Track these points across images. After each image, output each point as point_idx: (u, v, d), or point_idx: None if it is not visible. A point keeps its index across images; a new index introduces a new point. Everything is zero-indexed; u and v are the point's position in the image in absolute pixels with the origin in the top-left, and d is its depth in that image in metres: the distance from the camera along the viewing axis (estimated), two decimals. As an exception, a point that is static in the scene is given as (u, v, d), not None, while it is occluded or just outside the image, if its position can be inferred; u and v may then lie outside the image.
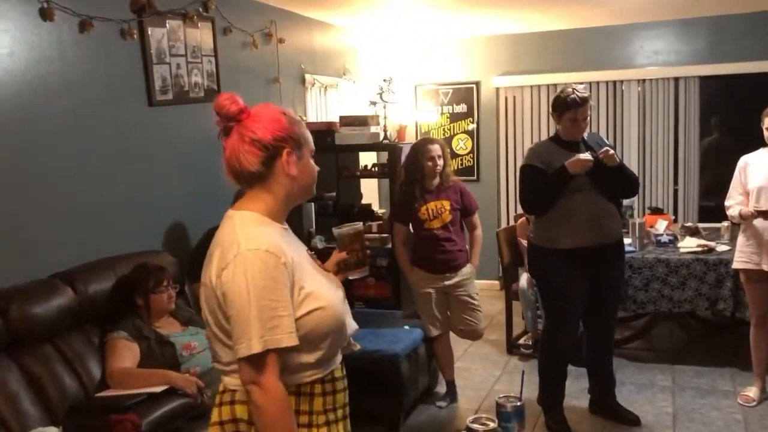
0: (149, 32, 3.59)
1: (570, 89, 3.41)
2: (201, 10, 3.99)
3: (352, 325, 1.78)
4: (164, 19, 3.69)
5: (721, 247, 4.50)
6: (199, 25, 3.95)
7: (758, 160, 3.72)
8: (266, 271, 1.52)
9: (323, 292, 1.66)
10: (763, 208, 3.56)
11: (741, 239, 3.79)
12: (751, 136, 3.83)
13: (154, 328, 3.05)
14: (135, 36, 3.50)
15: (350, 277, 1.88)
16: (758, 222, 3.64)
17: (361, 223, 2.15)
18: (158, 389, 2.73)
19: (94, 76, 3.32)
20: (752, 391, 3.90)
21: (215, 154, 1.84)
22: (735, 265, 3.85)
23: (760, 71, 5.73)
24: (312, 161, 1.73)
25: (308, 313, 1.59)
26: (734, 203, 3.76)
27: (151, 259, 3.28)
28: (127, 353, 2.89)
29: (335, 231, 2.06)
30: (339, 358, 1.76)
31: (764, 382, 3.92)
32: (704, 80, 5.99)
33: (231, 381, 1.64)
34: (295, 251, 1.65)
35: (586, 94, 3.40)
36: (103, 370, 2.88)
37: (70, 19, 3.15)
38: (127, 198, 3.54)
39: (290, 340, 1.53)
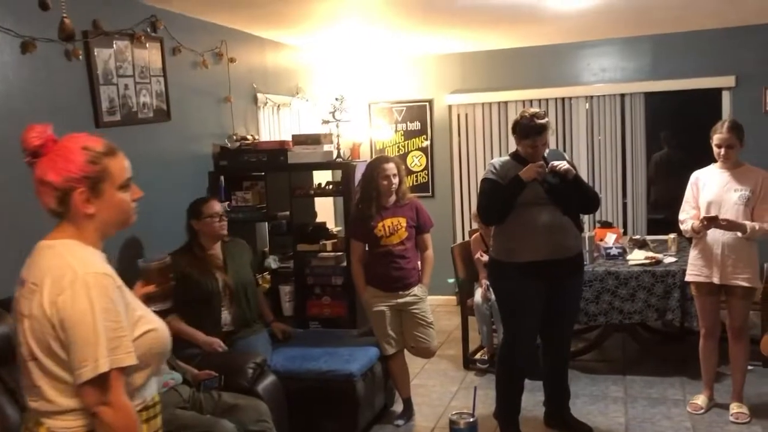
0: (95, 53, 3.53)
1: (528, 115, 3.47)
2: (149, 30, 3.94)
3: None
4: (111, 39, 3.64)
5: (669, 259, 4.62)
6: (147, 45, 3.91)
7: (709, 176, 3.84)
8: (106, 294, 1.58)
9: (151, 316, 1.74)
10: (711, 215, 3.66)
11: (693, 253, 3.88)
12: (700, 151, 3.95)
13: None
14: (80, 57, 3.43)
15: (153, 309, 1.91)
16: (710, 236, 3.74)
17: (169, 257, 2.20)
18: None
19: (38, 97, 3.24)
20: (701, 399, 4.00)
21: (166, 174, 1.84)
22: (687, 278, 3.94)
23: (701, 87, 5.94)
24: (122, 194, 1.72)
25: (142, 334, 1.66)
26: (687, 217, 3.85)
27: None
28: None
29: (141, 264, 2.12)
30: (157, 383, 1.83)
31: (712, 390, 4.02)
32: (649, 96, 6.17)
33: (57, 424, 1.62)
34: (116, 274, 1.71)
35: (545, 121, 3.47)
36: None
37: (12, 41, 3.08)
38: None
39: (131, 359, 1.59)
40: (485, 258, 4.48)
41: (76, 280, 1.56)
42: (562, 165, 3.44)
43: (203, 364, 3.28)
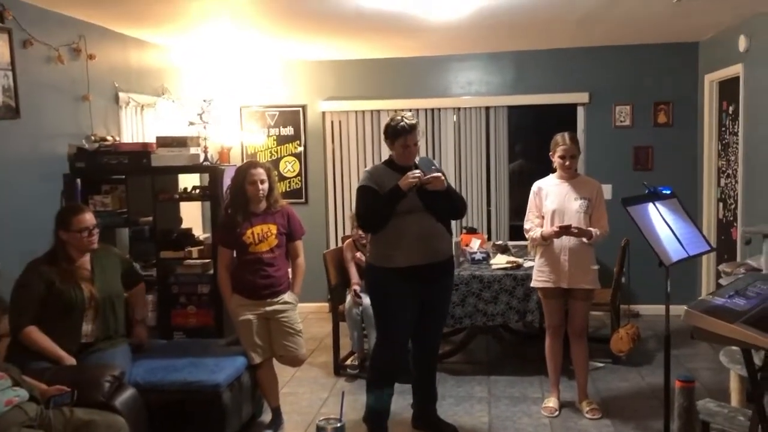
0: (-70, 41, 3.22)
1: (399, 117, 3.60)
2: (-5, 19, 3.65)
3: None
4: (-51, 27, 3.34)
5: (528, 263, 4.86)
6: (-7, 35, 3.62)
7: (550, 186, 4.07)
8: None
9: None
10: (564, 224, 3.89)
11: (538, 260, 4.10)
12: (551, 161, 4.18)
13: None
14: None
15: None
16: (556, 243, 3.97)
17: None
18: None
19: None
20: (552, 401, 4.20)
21: (14, 176, 1.69)
22: (534, 284, 4.15)
23: (559, 102, 6.33)
24: None
25: None
26: (533, 225, 4.07)
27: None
28: None
29: None
30: None
31: (559, 390, 4.25)
32: (512, 109, 6.50)
33: None
34: None
35: (414, 122, 3.61)
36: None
37: None
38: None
39: None
40: (362, 259, 4.51)
41: None
42: (437, 178, 3.54)
43: (54, 378, 3.06)
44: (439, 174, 3.59)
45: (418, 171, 3.53)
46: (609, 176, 5.91)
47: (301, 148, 6.66)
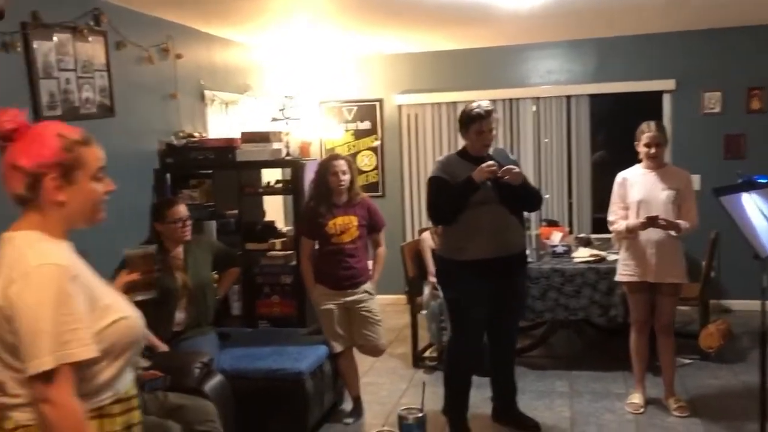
0: (35, 45, 3.43)
1: (475, 104, 3.55)
2: (92, 23, 3.85)
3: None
4: (51, 32, 3.54)
5: (612, 257, 4.72)
6: (90, 38, 3.81)
7: (635, 176, 3.93)
8: (57, 285, 1.52)
9: (122, 305, 1.70)
10: (651, 215, 3.74)
11: (623, 254, 3.97)
12: (636, 152, 4.05)
13: None
14: (19, 49, 3.33)
15: (136, 299, 1.89)
16: (642, 236, 3.83)
17: (155, 246, 2.20)
18: None
19: (-27, 90, 3.14)
20: (637, 398, 4.08)
21: (111, 171, 1.80)
22: (619, 278, 4.02)
23: (643, 90, 6.12)
24: (94, 184, 1.70)
25: (111, 324, 1.62)
26: (618, 218, 3.93)
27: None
28: None
29: (126, 252, 2.11)
30: (132, 374, 1.78)
31: (644, 386, 4.12)
32: (593, 98, 6.32)
33: (23, 416, 1.59)
34: (84, 266, 1.67)
35: (490, 108, 3.55)
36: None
37: (-55, 31, 2.97)
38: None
39: (87, 353, 1.53)
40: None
41: (26, 273, 1.51)
42: (512, 171, 3.45)
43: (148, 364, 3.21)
44: (517, 168, 3.51)
45: (493, 162, 3.48)
46: (697, 166, 5.66)
47: (378, 142, 6.71)
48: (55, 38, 3.57)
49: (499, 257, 3.53)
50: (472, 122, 3.52)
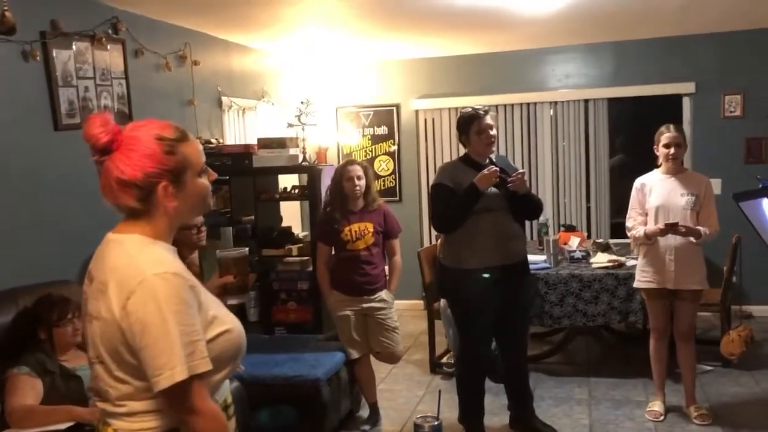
0: (54, 54, 3.46)
1: (469, 108, 3.55)
2: (110, 31, 3.88)
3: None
4: (70, 40, 3.58)
5: (631, 262, 4.67)
6: (108, 47, 3.85)
7: (654, 181, 3.88)
8: (178, 295, 1.46)
9: (226, 315, 1.63)
10: (670, 221, 3.70)
11: (641, 260, 3.92)
12: (654, 156, 4.01)
13: (59, 362, 2.91)
14: (38, 58, 3.37)
15: (229, 302, 1.87)
16: (661, 242, 3.78)
17: (247, 248, 2.19)
18: (62, 426, 2.60)
19: (-6, 99, 3.17)
20: (657, 405, 4.02)
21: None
22: (637, 285, 3.97)
23: (662, 93, 6.05)
24: (200, 179, 1.62)
25: (216, 336, 1.55)
26: (636, 224, 3.88)
27: (58, 289, 3.12)
28: (29, 390, 2.73)
29: (219, 254, 2.09)
30: (229, 383, 1.74)
31: (665, 394, 4.07)
32: (612, 102, 6.27)
33: (123, 425, 1.53)
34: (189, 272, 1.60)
35: (486, 108, 3.54)
36: (2, 409, 2.71)
37: (-34, 41, 3.02)
38: (33, 226, 3.38)
39: (206, 365, 1.48)
40: None
41: (144, 282, 1.44)
42: (519, 178, 3.45)
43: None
44: (523, 176, 3.48)
45: (494, 167, 3.44)
46: (717, 170, 5.59)
47: (394, 147, 6.71)
48: (74, 47, 3.61)
49: (503, 265, 3.51)
50: (469, 123, 3.50)
